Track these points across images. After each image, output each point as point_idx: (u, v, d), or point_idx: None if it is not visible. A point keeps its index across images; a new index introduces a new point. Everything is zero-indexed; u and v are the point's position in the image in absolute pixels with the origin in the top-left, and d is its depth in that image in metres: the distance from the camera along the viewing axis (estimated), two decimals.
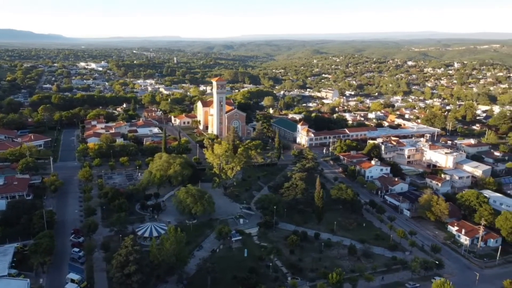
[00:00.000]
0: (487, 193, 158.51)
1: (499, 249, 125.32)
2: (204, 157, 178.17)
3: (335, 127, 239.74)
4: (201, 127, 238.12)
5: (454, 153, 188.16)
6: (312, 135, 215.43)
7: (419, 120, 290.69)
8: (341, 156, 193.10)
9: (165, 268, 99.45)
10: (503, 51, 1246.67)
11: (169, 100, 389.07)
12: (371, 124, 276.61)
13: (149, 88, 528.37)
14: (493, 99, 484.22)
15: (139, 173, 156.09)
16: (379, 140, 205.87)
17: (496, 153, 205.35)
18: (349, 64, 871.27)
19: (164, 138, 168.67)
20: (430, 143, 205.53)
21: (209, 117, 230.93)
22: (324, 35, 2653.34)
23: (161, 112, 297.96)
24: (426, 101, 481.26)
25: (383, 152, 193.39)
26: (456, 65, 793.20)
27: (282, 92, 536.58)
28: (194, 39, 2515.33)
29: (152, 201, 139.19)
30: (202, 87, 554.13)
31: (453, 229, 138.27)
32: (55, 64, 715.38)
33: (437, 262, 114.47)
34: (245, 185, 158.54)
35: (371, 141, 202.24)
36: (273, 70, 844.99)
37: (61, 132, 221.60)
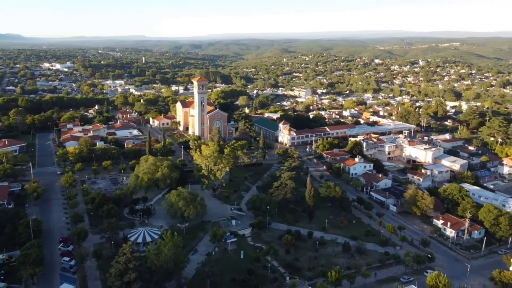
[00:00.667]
0: (466, 186, 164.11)
1: (484, 240, 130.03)
2: (189, 159, 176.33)
3: (314, 126, 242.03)
4: (181, 128, 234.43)
5: (433, 149, 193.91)
6: (294, 133, 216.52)
7: (393, 117, 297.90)
8: (324, 154, 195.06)
9: (164, 274, 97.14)
10: (463, 49, 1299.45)
11: (142, 101, 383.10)
12: (348, 121, 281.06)
13: (119, 89, 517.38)
14: (458, 95, 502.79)
15: (125, 177, 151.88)
16: (360, 138, 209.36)
17: (471, 148, 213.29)
18: (318, 63, 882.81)
19: (148, 140, 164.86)
20: (409, 139, 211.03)
21: (190, 117, 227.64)
22: (291, 34, 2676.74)
23: (136, 113, 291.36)
24: (396, 98, 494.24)
25: (364, 149, 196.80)
26: (421, 63, 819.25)
27: (255, 91, 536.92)
28: (160, 39, 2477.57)
29: (140, 205, 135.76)
30: (174, 87, 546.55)
31: (439, 223, 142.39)
32: (17, 65, 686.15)
33: (429, 256, 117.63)
34: (233, 186, 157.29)
35: (352, 139, 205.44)
36: (244, 69, 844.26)
37: (35, 137, 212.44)
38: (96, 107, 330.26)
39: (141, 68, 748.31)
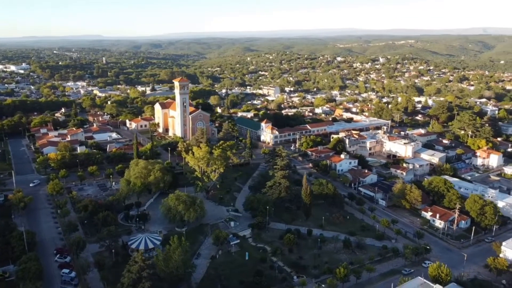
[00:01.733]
0: (446, 178, 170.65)
1: (473, 229, 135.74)
2: (176, 161, 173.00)
3: (294, 124, 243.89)
4: (160, 129, 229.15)
5: (412, 143, 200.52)
6: (277, 132, 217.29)
7: (366, 113, 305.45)
8: (309, 152, 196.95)
9: (174, 280, 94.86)
10: (418, 46, 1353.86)
11: (110, 102, 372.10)
12: (323, 119, 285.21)
13: (82, 91, 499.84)
14: (420, 91, 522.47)
15: (114, 182, 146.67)
16: (342, 134, 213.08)
17: (445, 141, 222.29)
18: (283, 61, 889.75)
19: (135, 143, 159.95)
20: (388, 134, 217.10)
21: (169, 119, 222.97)
22: (252, 33, 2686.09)
23: (109, 116, 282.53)
24: (362, 95, 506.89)
25: (347, 145, 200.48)
26: (381, 60, 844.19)
27: (223, 91, 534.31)
28: (118, 38, 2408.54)
29: (134, 211, 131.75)
30: (140, 88, 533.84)
31: (427, 215, 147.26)
32: None
33: (428, 247, 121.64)
34: (224, 187, 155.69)
35: (335, 136, 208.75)
36: (209, 69, 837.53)
37: (7, 143, 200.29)
38: (63, 110, 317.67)
39: (103, 69, 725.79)
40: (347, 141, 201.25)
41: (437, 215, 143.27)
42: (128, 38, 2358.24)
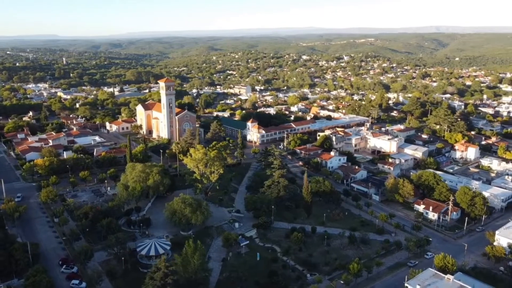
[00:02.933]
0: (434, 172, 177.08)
1: (466, 220, 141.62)
2: (168, 163, 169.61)
3: (277, 122, 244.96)
4: (143, 131, 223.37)
5: (396, 139, 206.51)
6: (263, 131, 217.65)
7: (344, 111, 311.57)
8: (298, 150, 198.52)
9: (193, 285, 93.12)
10: (378, 44, 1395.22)
11: (78, 105, 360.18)
12: (305, 116, 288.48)
13: (45, 93, 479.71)
14: (386, 88, 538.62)
15: (108, 188, 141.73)
16: (327, 132, 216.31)
17: (424, 136, 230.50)
18: (249, 60, 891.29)
19: (128, 146, 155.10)
20: (371, 131, 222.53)
21: (153, 120, 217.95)
22: (215, 32, 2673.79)
23: (83, 118, 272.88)
24: (332, 92, 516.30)
25: (334, 143, 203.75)
26: (345, 58, 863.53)
27: (194, 91, 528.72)
28: (74, 38, 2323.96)
29: (134, 216, 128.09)
30: (106, 89, 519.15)
31: (420, 208, 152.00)
32: None
33: (430, 239, 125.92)
34: (221, 188, 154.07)
35: (321, 133, 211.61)
36: (175, 68, 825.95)
37: None
38: (30, 113, 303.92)
39: (64, 70, 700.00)
40: (333, 138, 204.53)
41: (430, 208, 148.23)
42: (85, 38, 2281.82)
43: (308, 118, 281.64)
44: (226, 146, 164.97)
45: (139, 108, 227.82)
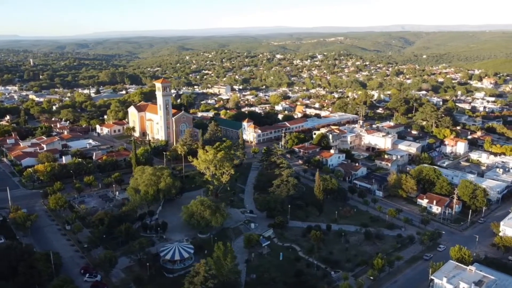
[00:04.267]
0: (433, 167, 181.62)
1: (469, 212, 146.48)
2: (171, 166, 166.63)
3: (269, 122, 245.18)
4: (136, 134, 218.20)
5: (389, 135, 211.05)
6: (260, 131, 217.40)
7: (330, 109, 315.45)
8: (296, 149, 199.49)
9: (227, 287, 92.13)
10: (347, 43, 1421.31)
11: (55, 108, 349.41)
12: (289, 114, 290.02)
13: (15, 96, 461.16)
14: (363, 85, 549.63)
15: (117, 192, 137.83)
16: (323, 130, 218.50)
17: (414, 132, 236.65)
18: (223, 60, 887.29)
19: (134, 150, 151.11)
20: (365, 128, 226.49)
21: (147, 122, 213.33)
22: (184, 31, 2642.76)
23: (68, 122, 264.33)
24: (310, 91, 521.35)
25: (331, 141, 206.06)
26: (319, 56, 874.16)
27: (173, 91, 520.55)
28: (37, 38, 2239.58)
29: (147, 220, 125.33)
30: (81, 91, 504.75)
31: (423, 202, 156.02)
32: None
33: (443, 232, 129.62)
34: (229, 188, 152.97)
35: (318, 132, 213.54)
36: (148, 69, 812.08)
37: None
38: (7, 117, 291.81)
39: (33, 72, 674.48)
40: (330, 136, 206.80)
41: (434, 202, 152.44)
42: (49, 38, 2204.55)
43: (296, 116, 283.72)
44: (230, 147, 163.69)
45: (132, 110, 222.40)
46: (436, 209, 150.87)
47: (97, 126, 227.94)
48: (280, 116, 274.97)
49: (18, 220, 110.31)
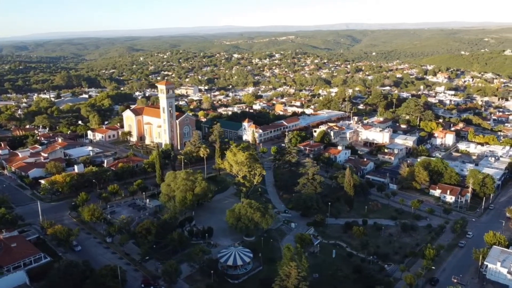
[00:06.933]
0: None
1: (483, 199, 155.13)
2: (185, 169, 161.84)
3: (263, 121, 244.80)
4: (133, 138, 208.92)
5: (386, 130, 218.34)
6: (260, 131, 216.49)
7: (312, 106, 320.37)
8: (302, 147, 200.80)
9: None
10: (298, 41, 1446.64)
11: (23, 114, 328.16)
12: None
13: None
14: (327, 83, 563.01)
15: (147, 200, 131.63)
16: (322, 127, 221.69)
17: (403, 126, 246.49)
18: (180, 60, 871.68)
19: (157, 154, 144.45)
20: (361, 124, 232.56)
21: (145, 126, 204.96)
22: (131, 32, 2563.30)
23: (47, 129, 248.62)
24: (278, 89, 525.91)
25: (332, 137, 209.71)
26: (277, 55, 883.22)
27: (137, 93, 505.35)
28: None
29: (187, 226, 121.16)
30: (40, 95, 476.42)
31: (436, 192, 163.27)
32: None
33: (473, 219, 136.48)
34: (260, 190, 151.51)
35: (319, 130, 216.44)
36: (103, 71, 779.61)
37: None
38: None
39: None
40: (331, 133, 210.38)
41: (448, 191, 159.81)
42: None
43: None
44: (248, 147, 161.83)
45: (128, 114, 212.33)
46: (450, 198, 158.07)
47: (89, 132, 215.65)
48: (271, 116, 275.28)
49: (59, 235, 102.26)
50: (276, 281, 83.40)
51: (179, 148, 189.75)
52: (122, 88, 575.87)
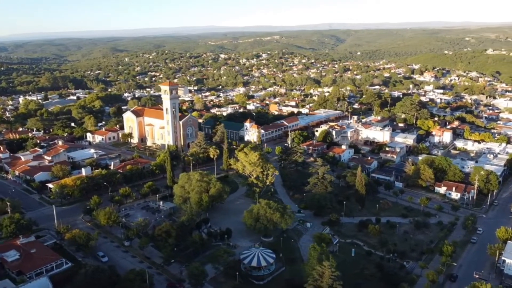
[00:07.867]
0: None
1: (488, 196, 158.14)
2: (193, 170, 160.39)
3: (262, 121, 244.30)
4: (135, 140, 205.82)
5: (386, 128, 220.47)
6: (262, 131, 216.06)
7: (308, 106, 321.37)
8: (305, 146, 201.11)
9: None
10: (283, 41, 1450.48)
11: (13, 117, 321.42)
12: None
13: None
14: (317, 82, 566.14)
15: (161, 202, 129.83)
16: (324, 127, 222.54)
17: (400, 124, 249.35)
18: (166, 60, 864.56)
19: (167, 155, 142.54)
20: (361, 123, 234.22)
21: (146, 127, 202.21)
22: (113, 32, 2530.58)
23: (41, 131, 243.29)
24: (269, 89, 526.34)
25: (334, 137, 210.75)
26: (264, 55, 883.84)
27: (126, 94, 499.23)
28: None
29: (203, 228, 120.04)
30: (28, 97, 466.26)
31: (441, 190, 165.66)
32: None
33: (483, 216, 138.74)
34: (268, 190, 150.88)
35: (320, 129, 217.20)
36: (89, 72, 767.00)
37: None
38: None
39: None
40: (333, 132, 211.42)
41: (453, 188, 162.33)
42: None
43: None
44: (256, 147, 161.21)
45: (129, 115, 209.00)
46: (455, 195, 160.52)
47: (88, 134, 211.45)
48: (269, 116, 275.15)
49: (78, 240, 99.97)
50: (309, 281, 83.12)
51: (182, 149, 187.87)
52: (109, 90, 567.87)
